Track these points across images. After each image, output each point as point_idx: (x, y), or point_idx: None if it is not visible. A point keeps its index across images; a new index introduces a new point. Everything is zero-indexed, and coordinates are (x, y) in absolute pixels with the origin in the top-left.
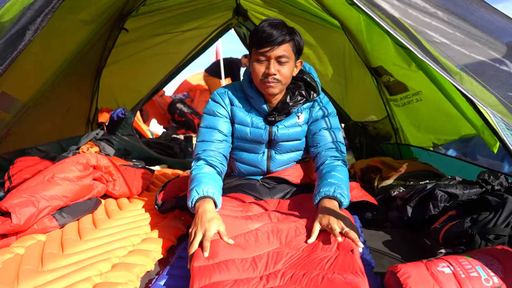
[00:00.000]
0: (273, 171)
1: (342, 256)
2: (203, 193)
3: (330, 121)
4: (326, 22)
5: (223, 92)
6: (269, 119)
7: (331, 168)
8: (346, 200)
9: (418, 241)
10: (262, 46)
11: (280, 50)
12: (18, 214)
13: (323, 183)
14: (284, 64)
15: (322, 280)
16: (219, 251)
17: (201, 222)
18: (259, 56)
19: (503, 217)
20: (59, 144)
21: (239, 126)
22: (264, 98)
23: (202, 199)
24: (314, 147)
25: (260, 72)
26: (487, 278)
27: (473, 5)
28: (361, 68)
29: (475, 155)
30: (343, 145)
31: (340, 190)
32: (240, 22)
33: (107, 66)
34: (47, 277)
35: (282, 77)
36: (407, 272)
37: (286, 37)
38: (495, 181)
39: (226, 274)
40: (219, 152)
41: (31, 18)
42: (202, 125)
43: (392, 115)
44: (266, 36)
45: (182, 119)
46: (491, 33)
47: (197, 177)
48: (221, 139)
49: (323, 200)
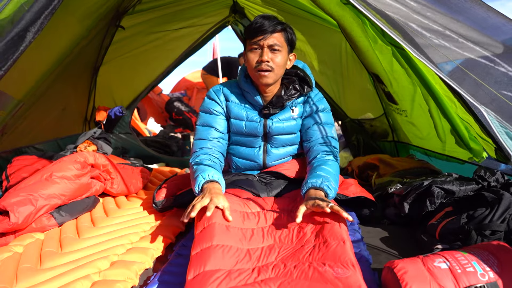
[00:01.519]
0: (269, 165)
1: (333, 244)
2: (209, 178)
3: (322, 116)
4: (323, 20)
5: (218, 89)
6: (264, 112)
7: (322, 162)
8: (333, 192)
9: (415, 237)
10: (255, 35)
11: (272, 38)
12: (16, 213)
13: (312, 175)
14: (276, 52)
15: (312, 273)
16: (215, 234)
17: (209, 192)
18: (252, 46)
19: (499, 213)
20: (57, 142)
21: (234, 120)
22: (259, 91)
23: (209, 182)
24: (306, 141)
25: (253, 61)
26: (483, 273)
27: (467, 3)
28: (357, 66)
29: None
30: (336, 140)
31: (327, 182)
32: (237, 20)
33: (104, 64)
34: (46, 275)
35: (275, 65)
36: (404, 267)
37: (278, 26)
38: (491, 177)
39: (221, 262)
40: (216, 150)
41: (31, 20)
42: (198, 123)
43: (389, 113)
44: (259, 26)
45: (180, 118)
46: (486, 31)
47: (200, 167)
48: (217, 136)
49: (310, 190)
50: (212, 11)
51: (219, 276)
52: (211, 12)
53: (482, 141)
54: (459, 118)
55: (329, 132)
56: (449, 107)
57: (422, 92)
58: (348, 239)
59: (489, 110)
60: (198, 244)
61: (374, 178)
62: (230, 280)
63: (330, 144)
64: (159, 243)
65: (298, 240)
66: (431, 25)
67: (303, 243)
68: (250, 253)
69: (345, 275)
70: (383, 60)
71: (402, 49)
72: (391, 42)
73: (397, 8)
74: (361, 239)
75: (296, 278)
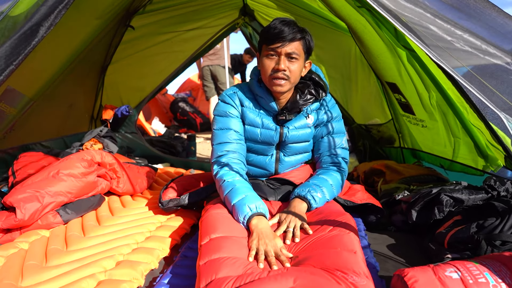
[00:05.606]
0: (280, 173)
1: (345, 254)
2: (256, 210)
3: (335, 125)
4: (333, 23)
5: (232, 93)
6: (280, 118)
7: (322, 172)
8: (316, 203)
9: (423, 245)
10: (273, 42)
11: (290, 47)
12: (23, 209)
13: (304, 183)
14: (293, 61)
15: (327, 274)
16: (223, 247)
17: (267, 238)
18: (269, 52)
19: (510, 223)
20: (63, 140)
21: (249, 127)
22: (273, 96)
23: (256, 215)
24: (316, 151)
25: (269, 68)
26: (495, 284)
27: (486, 9)
28: (366, 70)
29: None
30: (345, 150)
31: (314, 192)
32: (247, 22)
33: (112, 64)
34: (52, 273)
35: (291, 74)
36: (414, 276)
37: (297, 34)
38: (501, 187)
39: (231, 271)
40: (239, 153)
41: (45, 14)
42: (215, 127)
43: (396, 119)
44: (278, 32)
45: (184, 118)
46: (502, 37)
47: (236, 187)
48: (238, 138)
49: (295, 198)
50: (222, 13)
51: (231, 279)
52: (221, 14)
53: (493, 149)
54: (472, 125)
55: (339, 143)
56: (465, 114)
57: (438, 98)
58: (360, 249)
59: (509, 116)
60: (205, 255)
61: (380, 184)
62: (243, 279)
63: (339, 155)
64: (165, 244)
65: (307, 246)
66: (452, 29)
67: (312, 252)
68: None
69: (361, 282)
70: (399, 65)
71: (416, 53)
72: (405, 46)
73: (415, 11)
74: (368, 246)
75: (311, 274)
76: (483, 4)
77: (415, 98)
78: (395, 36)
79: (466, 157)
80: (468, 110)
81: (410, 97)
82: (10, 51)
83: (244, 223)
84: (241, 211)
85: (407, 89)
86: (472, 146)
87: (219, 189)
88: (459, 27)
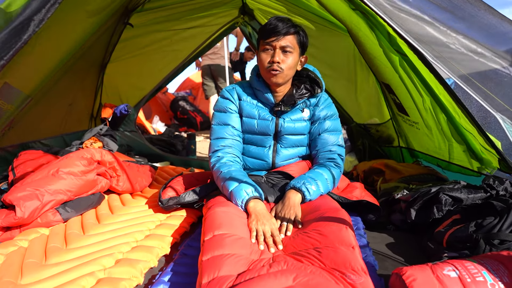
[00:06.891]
0: (278, 164)
1: (342, 250)
2: (252, 194)
3: (330, 123)
4: (332, 24)
5: (231, 88)
6: (275, 109)
7: (319, 167)
8: (310, 195)
9: (421, 244)
10: (268, 36)
11: (284, 40)
12: (22, 207)
13: (300, 176)
14: (288, 54)
15: (326, 273)
16: (226, 244)
17: (265, 218)
18: (265, 46)
19: (508, 223)
20: (63, 138)
21: (246, 119)
22: (270, 90)
23: (253, 199)
24: (313, 148)
25: (265, 61)
26: (493, 283)
27: (481, 11)
28: (365, 70)
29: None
30: (342, 148)
31: (309, 185)
32: (246, 21)
33: (111, 62)
34: (51, 270)
35: (286, 66)
36: (412, 275)
37: (291, 29)
38: (500, 186)
39: (233, 269)
40: (235, 148)
41: (36, 8)
42: (214, 122)
43: (394, 119)
44: (273, 27)
45: (184, 117)
46: (497, 38)
47: (233, 176)
48: (235, 133)
49: (290, 190)
50: (221, 12)
51: (233, 278)
52: (221, 13)
53: (487, 152)
54: (464, 129)
55: (335, 140)
56: (456, 118)
57: (431, 102)
58: (356, 244)
59: (505, 117)
60: (208, 250)
61: (380, 183)
62: (243, 277)
63: (335, 152)
64: (164, 242)
65: (303, 243)
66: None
67: (309, 249)
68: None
69: (358, 281)
70: (392, 68)
71: (408, 58)
72: (398, 50)
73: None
74: (367, 245)
75: (310, 273)
76: (477, 4)
77: (409, 101)
78: (388, 40)
79: (462, 159)
80: (460, 114)
81: (404, 100)
82: (1, 45)
83: (242, 207)
84: (239, 196)
85: (401, 92)
86: (466, 149)
87: (216, 180)
88: (454, 30)
